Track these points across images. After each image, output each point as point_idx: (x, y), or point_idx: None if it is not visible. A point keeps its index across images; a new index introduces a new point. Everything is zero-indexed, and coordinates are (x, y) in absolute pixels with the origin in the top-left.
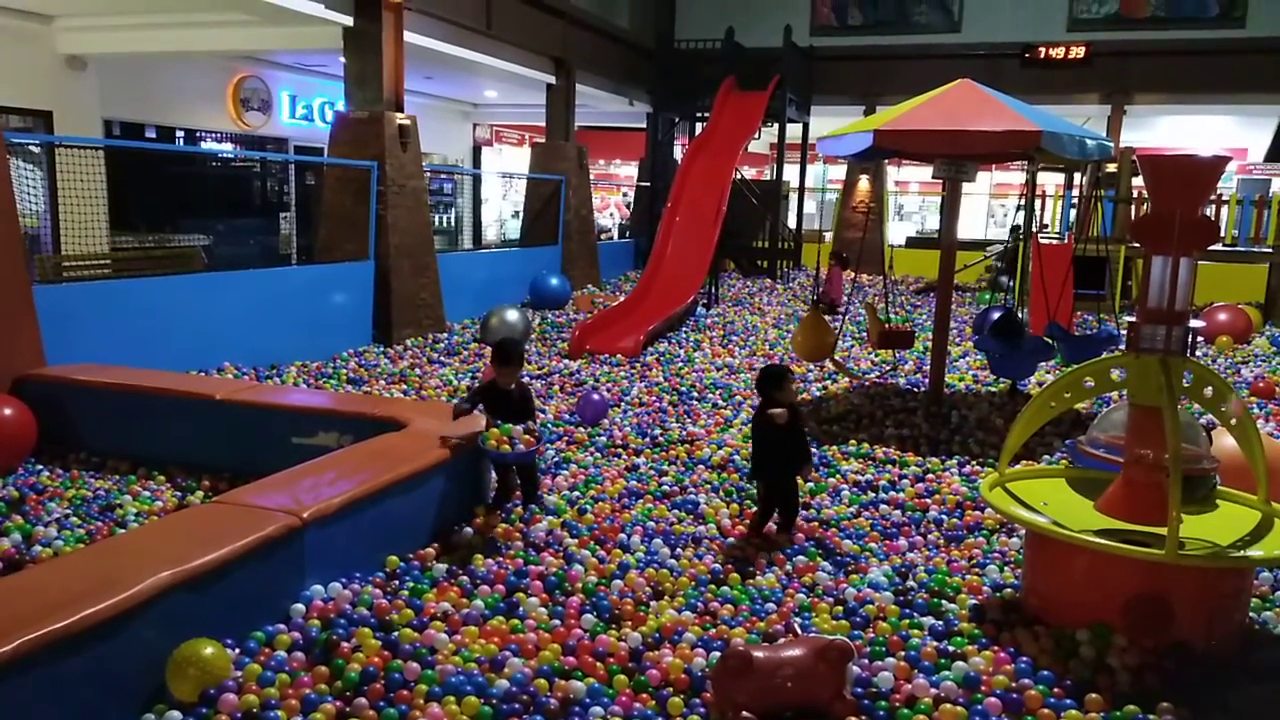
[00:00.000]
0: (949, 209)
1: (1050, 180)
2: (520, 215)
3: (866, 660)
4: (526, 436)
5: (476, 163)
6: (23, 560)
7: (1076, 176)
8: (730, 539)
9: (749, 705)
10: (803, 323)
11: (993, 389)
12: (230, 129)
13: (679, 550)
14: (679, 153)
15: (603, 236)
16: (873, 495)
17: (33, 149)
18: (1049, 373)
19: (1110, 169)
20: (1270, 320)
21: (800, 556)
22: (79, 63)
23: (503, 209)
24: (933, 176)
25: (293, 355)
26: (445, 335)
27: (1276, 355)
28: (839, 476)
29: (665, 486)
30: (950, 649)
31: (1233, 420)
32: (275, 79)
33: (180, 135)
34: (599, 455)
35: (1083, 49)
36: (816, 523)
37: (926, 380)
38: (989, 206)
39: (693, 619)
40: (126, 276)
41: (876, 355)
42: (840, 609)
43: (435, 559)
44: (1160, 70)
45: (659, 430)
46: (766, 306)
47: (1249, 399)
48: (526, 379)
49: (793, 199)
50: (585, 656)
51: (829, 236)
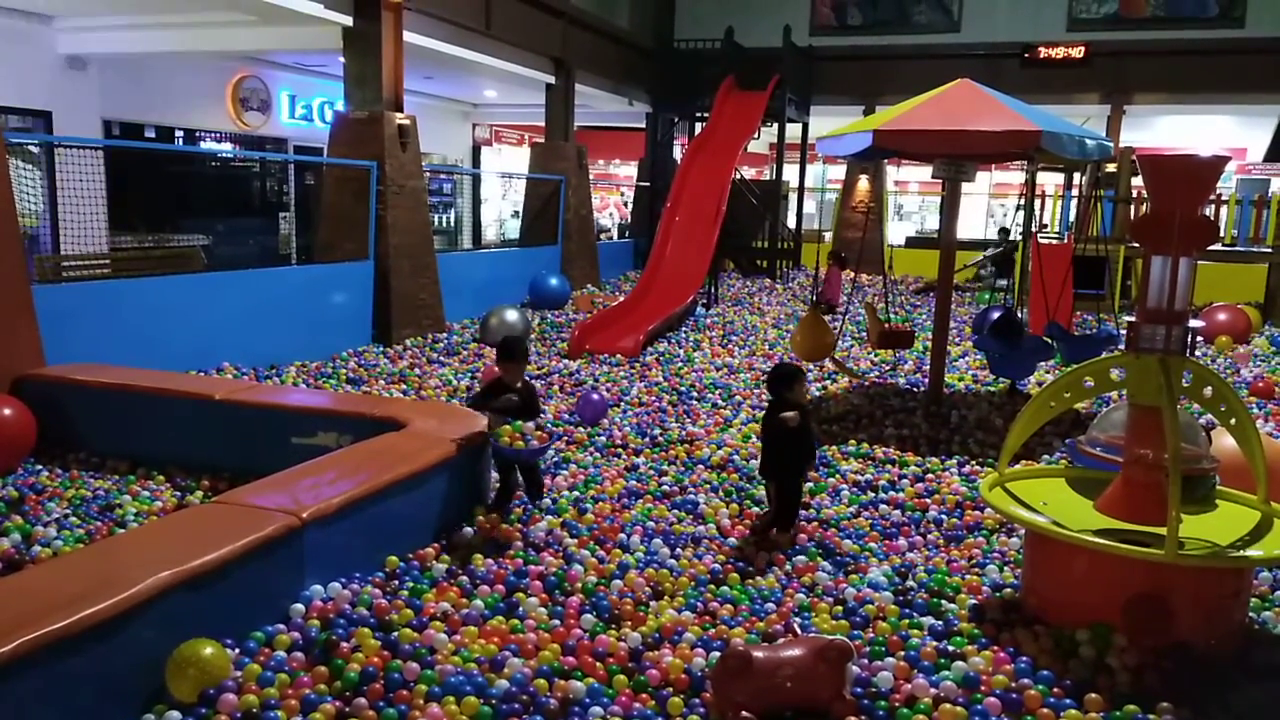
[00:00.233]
0: (948, 209)
1: (1050, 180)
2: (520, 215)
3: (866, 660)
4: (539, 433)
5: (476, 163)
6: (22, 560)
7: (1076, 176)
8: (730, 539)
9: (749, 705)
10: (802, 322)
11: (992, 389)
12: (230, 129)
13: (679, 550)
14: (678, 153)
15: (602, 236)
16: (872, 495)
17: (32, 149)
18: (1048, 373)
19: (1110, 169)
20: (1270, 320)
21: (800, 556)
22: (78, 63)
23: (502, 209)
24: (932, 176)
25: (292, 355)
26: (445, 335)
27: (1276, 355)
28: (839, 476)
29: (665, 486)
30: (950, 649)
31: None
32: (275, 79)
33: (180, 135)
34: (599, 455)
35: (1082, 49)
36: (816, 523)
37: (926, 380)
38: (989, 206)
39: (692, 619)
40: (126, 276)
41: (876, 355)
42: (840, 609)
43: (435, 559)
44: (1160, 70)
45: (659, 430)
46: (766, 306)
47: (1248, 399)
48: (527, 378)
49: (792, 199)
50: (585, 656)
51: (829, 236)
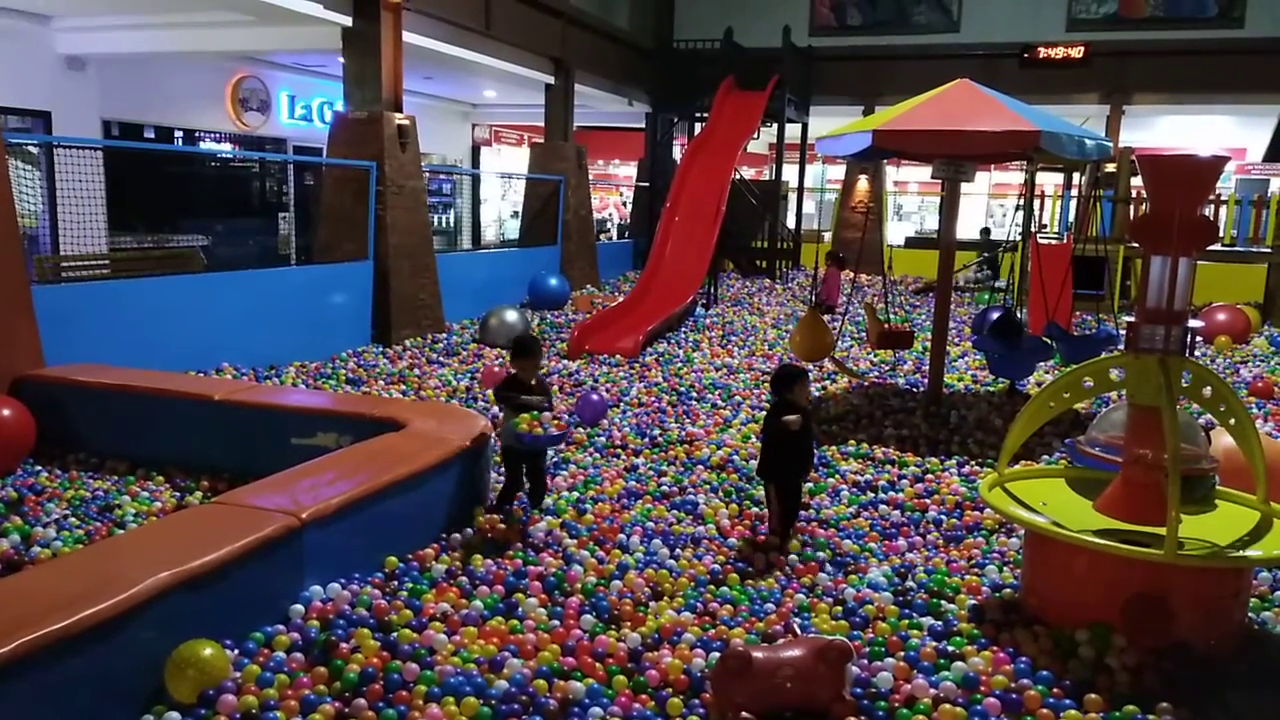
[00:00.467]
0: (948, 209)
1: (1049, 180)
2: (519, 215)
3: (866, 660)
4: (556, 420)
5: (475, 163)
6: (21, 561)
7: (1075, 176)
8: (730, 539)
9: (748, 706)
10: (801, 323)
11: (991, 389)
12: (229, 129)
13: (678, 551)
14: (678, 153)
15: (601, 236)
16: (872, 495)
17: (31, 149)
18: (1048, 373)
19: (1109, 169)
20: (1269, 320)
21: (794, 557)
22: (78, 63)
23: (502, 209)
24: (932, 176)
25: (292, 355)
26: (444, 335)
27: (1276, 355)
28: (838, 477)
29: (664, 487)
30: (949, 649)
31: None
32: (274, 79)
33: (179, 135)
34: (598, 455)
35: (1081, 49)
36: (816, 523)
37: (926, 380)
38: (988, 206)
39: (692, 619)
40: (125, 277)
41: (875, 355)
42: (839, 609)
43: (434, 559)
44: (1159, 70)
45: (658, 430)
46: (765, 306)
47: (1248, 399)
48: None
49: (792, 199)
50: (584, 657)
51: (828, 236)
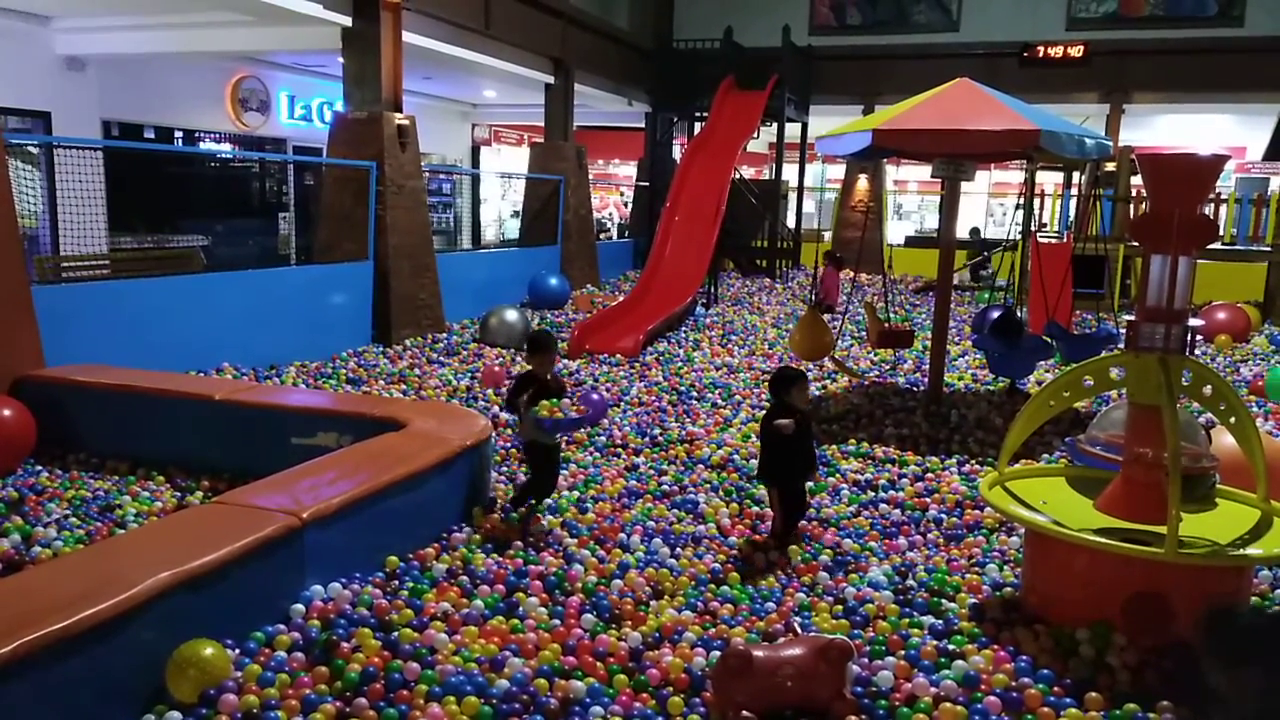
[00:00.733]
0: (948, 208)
1: (1049, 179)
2: (519, 215)
3: (866, 659)
4: (576, 406)
5: (475, 163)
6: (22, 561)
7: (1075, 175)
8: (731, 538)
9: (749, 705)
10: (801, 322)
11: (992, 388)
12: (229, 129)
13: (679, 550)
14: (678, 152)
15: (601, 236)
16: (872, 494)
17: (31, 150)
18: (1048, 372)
19: (1109, 168)
20: (1269, 319)
21: (794, 549)
22: (77, 63)
23: (501, 209)
24: (931, 176)
25: (292, 355)
26: (444, 335)
27: (1275, 354)
28: (838, 476)
29: (665, 486)
30: (950, 648)
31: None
32: (274, 79)
33: (179, 136)
34: (598, 455)
35: (1081, 48)
36: (816, 522)
37: (926, 380)
38: (988, 205)
39: (693, 618)
40: (125, 277)
41: (876, 355)
42: (840, 608)
43: (435, 559)
44: (1159, 69)
45: (658, 430)
46: (765, 306)
47: (1248, 398)
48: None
49: (792, 198)
50: (585, 656)
51: (828, 236)
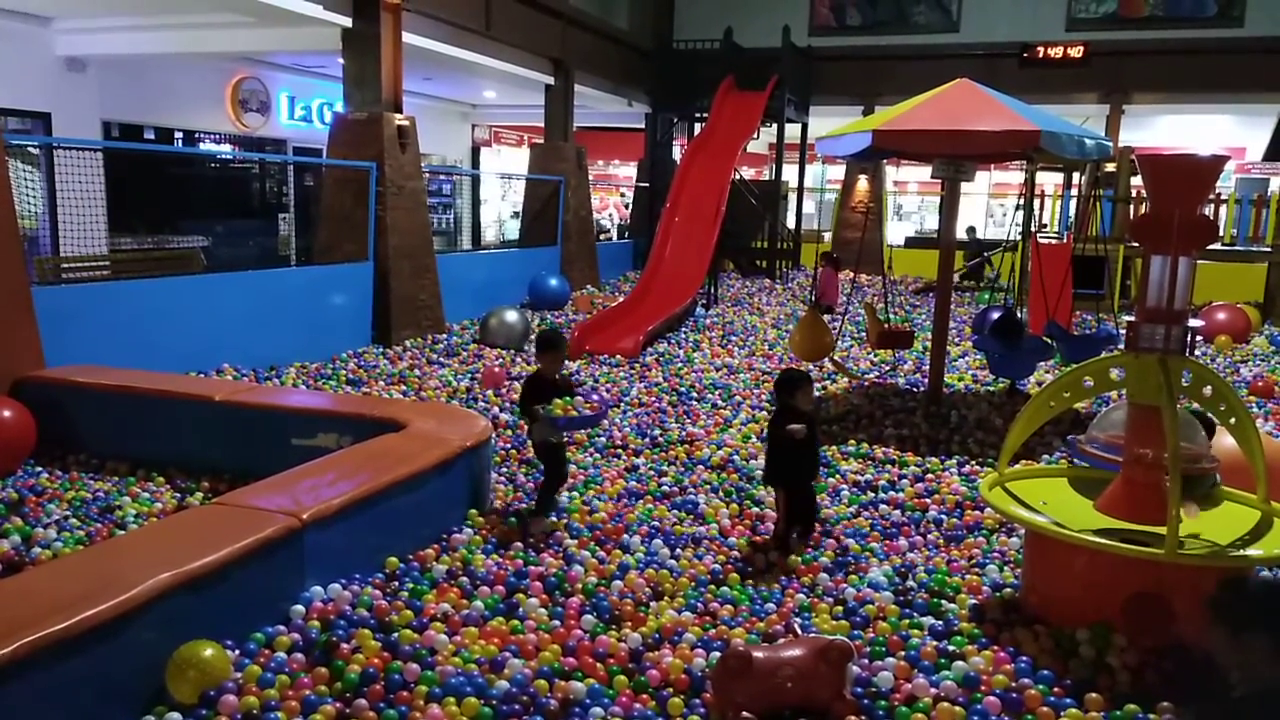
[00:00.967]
0: (948, 209)
1: (1049, 180)
2: (519, 216)
3: (866, 660)
4: (589, 403)
5: (475, 163)
6: (22, 562)
7: (1075, 176)
8: (730, 539)
9: (749, 705)
10: (800, 323)
11: (992, 389)
12: (229, 130)
13: (679, 551)
14: (678, 153)
15: (601, 237)
16: (872, 495)
17: (31, 150)
18: (1048, 372)
19: (1109, 168)
20: (1269, 319)
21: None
22: (77, 64)
23: (501, 210)
24: (931, 176)
25: (292, 356)
26: (444, 336)
27: (1276, 354)
28: (839, 476)
29: (665, 487)
30: (950, 649)
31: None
32: (274, 80)
33: (179, 137)
34: (598, 456)
35: (1081, 48)
36: (816, 522)
37: (926, 380)
38: (988, 206)
39: (693, 619)
40: (125, 278)
41: (876, 355)
42: (840, 609)
43: (435, 560)
44: (1159, 70)
45: (658, 431)
46: (765, 307)
47: (1248, 398)
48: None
49: (791, 199)
50: (585, 657)
51: (828, 236)
